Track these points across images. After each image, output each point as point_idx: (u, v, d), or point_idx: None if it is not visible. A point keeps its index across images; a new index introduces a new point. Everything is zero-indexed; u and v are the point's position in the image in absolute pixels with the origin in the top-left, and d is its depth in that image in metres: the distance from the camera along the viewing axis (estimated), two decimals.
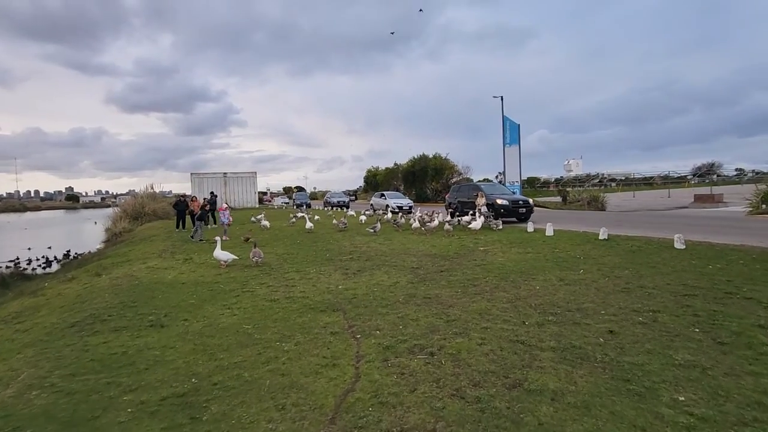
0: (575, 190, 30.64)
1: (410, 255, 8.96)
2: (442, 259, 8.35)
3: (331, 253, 9.83)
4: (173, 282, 7.24)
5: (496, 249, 9.18)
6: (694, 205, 25.09)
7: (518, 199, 15.29)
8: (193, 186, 39.63)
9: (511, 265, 7.38)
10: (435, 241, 11.00)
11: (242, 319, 5.02)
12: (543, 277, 6.35)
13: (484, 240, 10.70)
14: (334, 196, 36.83)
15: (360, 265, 8.10)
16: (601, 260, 7.40)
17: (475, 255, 8.60)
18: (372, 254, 9.29)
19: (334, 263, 8.41)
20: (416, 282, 6.45)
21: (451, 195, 18.10)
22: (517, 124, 30.46)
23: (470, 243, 10.30)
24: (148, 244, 13.87)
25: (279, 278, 7.22)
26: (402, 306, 5.18)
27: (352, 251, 9.88)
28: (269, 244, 12.00)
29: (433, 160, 36.85)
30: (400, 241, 11.33)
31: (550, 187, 65.78)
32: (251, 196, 41.74)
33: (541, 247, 9.05)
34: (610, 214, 18.73)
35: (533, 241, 10.09)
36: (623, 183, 61.01)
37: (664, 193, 39.77)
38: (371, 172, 49.18)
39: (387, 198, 24.78)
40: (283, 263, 8.69)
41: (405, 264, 7.96)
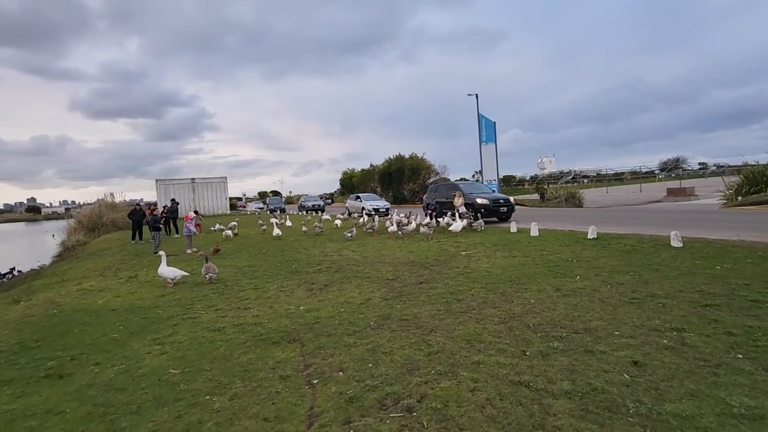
0: (552, 187, 30.43)
1: (385, 263, 8.03)
2: (421, 267, 7.45)
3: (298, 263, 8.80)
4: (102, 309, 6.07)
5: (480, 253, 8.36)
6: (668, 198, 25.25)
7: (499, 197, 14.62)
8: (159, 193, 37.58)
9: (498, 272, 6.55)
10: (413, 245, 10.12)
11: (172, 358, 3.97)
12: (536, 286, 5.53)
13: (465, 243, 9.88)
14: (308, 199, 35.60)
15: (328, 277, 7.12)
16: (596, 263, 6.66)
17: (457, 261, 7.76)
18: (343, 264, 8.32)
19: (299, 276, 7.40)
20: (391, 298, 5.52)
21: (428, 195, 17.30)
22: (493, 122, 30.08)
23: (451, 247, 9.46)
24: (96, 260, 12.47)
25: (232, 298, 6.16)
26: (373, 332, 4.24)
27: (322, 261, 8.88)
28: (232, 254, 10.86)
29: (409, 161, 36.12)
30: (375, 247, 10.40)
31: (525, 185, 66.29)
32: (222, 203, 39.96)
33: (528, 250, 8.29)
34: (589, 211, 18.36)
35: (518, 242, 9.34)
36: (595, 179, 62.03)
37: (635, 188, 40.36)
38: (347, 174, 48.09)
39: (362, 200, 23.82)
40: (241, 278, 7.61)
41: (379, 275, 7.03)
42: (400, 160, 36.62)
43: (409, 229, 11.78)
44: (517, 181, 68.80)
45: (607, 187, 47.56)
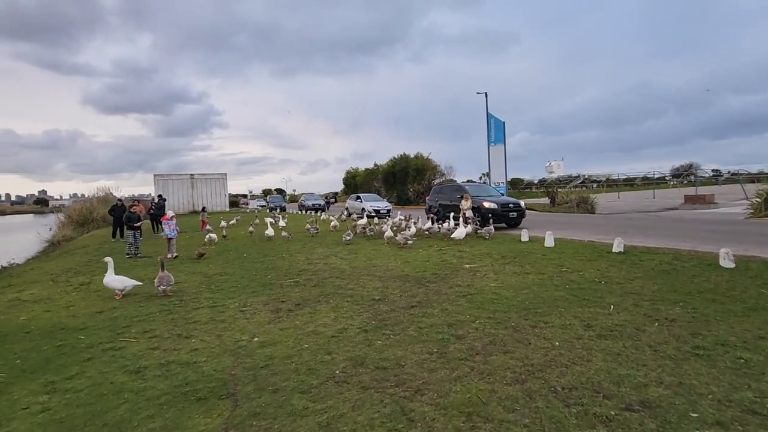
0: (563, 191, 29.05)
1: (375, 277, 6.83)
2: (416, 283, 6.24)
3: (276, 273, 7.63)
4: (14, 330, 4.92)
5: (486, 267, 7.12)
6: (685, 206, 23.87)
7: (508, 201, 13.35)
8: (157, 188, 36.66)
9: (508, 295, 5.32)
10: (410, 254, 8.91)
11: (48, 423, 2.81)
12: (559, 319, 4.30)
13: (470, 253, 8.65)
14: (309, 198, 34.49)
15: (304, 294, 5.93)
16: (630, 287, 5.41)
17: (459, 277, 6.53)
18: (326, 275, 7.13)
19: (271, 291, 6.22)
20: (372, 329, 4.32)
21: (431, 197, 16.06)
22: (502, 122, 28.76)
23: (453, 257, 8.23)
24: (64, 259, 11.41)
25: (178, 320, 4.99)
26: (336, 390, 3.04)
27: (303, 270, 7.70)
28: (209, 258, 9.73)
29: (414, 160, 34.86)
30: (368, 254, 9.20)
31: (532, 188, 64.84)
32: (221, 199, 38.99)
33: (543, 265, 7.04)
34: (605, 218, 17.01)
35: (531, 254, 8.09)
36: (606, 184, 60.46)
37: (647, 193, 38.88)
38: (350, 173, 46.90)
39: (363, 201, 22.65)
40: (203, 291, 6.45)
41: (365, 293, 5.83)
42: (405, 159, 35.37)
43: (408, 235, 10.56)
44: (525, 185, 67.42)
45: (618, 192, 45.96)
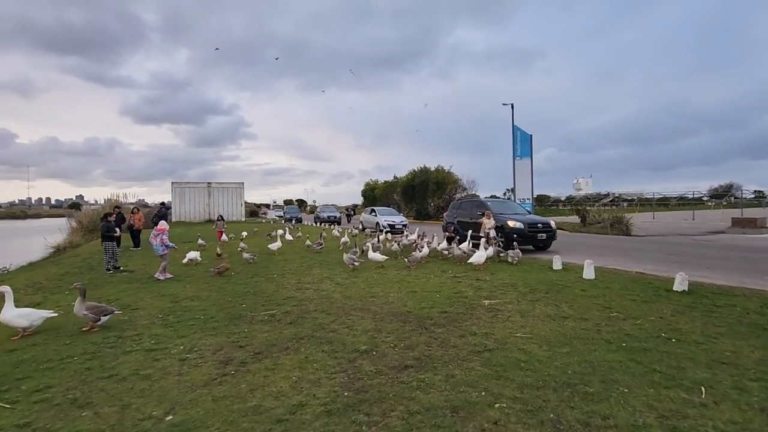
0: (595, 209, 26.98)
1: (369, 313, 5.45)
2: (418, 326, 4.83)
3: (255, 299, 6.36)
4: None
5: (511, 306, 5.64)
6: (733, 230, 21.53)
7: (536, 221, 11.76)
8: (174, 196, 36.50)
9: (542, 355, 3.84)
10: (417, 281, 7.49)
11: None
12: (623, 410, 2.81)
13: (490, 283, 7.16)
14: (324, 210, 33.43)
15: (273, 335, 4.61)
16: (716, 350, 3.84)
17: (474, 318, 5.08)
18: (311, 307, 5.80)
19: (236, 327, 4.93)
20: (341, 409, 2.94)
21: (449, 213, 14.59)
22: (529, 135, 27.18)
23: (469, 288, 6.77)
24: (45, 269, 10.52)
25: (94, 371, 3.74)
26: None
27: (288, 298, 6.40)
28: (190, 276, 8.58)
29: (434, 173, 33.42)
30: (369, 279, 7.83)
31: (559, 205, 62.14)
32: (237, 209, 38.46)
33: (585, 306, 5.51)
34: (646, 242, 15.11)
35: (567, 289, 6.54)
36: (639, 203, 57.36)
37: (683, 214, 36.20)
38: (370, 185, 45.87)
39: (377, 215, 21.35)
40: (155, 324, 5.21)
41: (349, 337, 4.46)
42: (425, 172, 33.98)
43: (418, 257, 9.15)
44: (551, 202, 64.75)
45: (653, 213, 43.24)
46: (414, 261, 8.97)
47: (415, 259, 8.99)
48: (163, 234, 8.42)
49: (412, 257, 9.05)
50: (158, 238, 8.41)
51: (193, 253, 9.89)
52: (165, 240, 8.47)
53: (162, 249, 8.43)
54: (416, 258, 9.01)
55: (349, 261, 8.78)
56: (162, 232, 8.46)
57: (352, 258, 8.81)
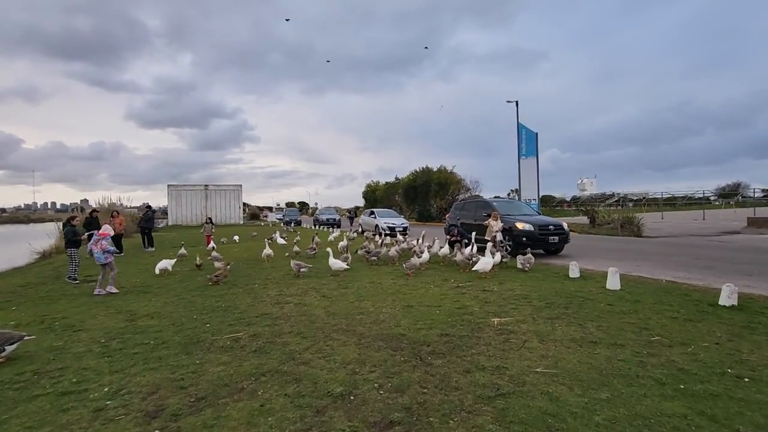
0: (604, 210, 25.92)
1: (353, 335, 4.49)
2: (411, 355, 3.86)
3: (223, 317, 5.42)
4: None
5: (525, 324, 4.67)
6: (749, 230, 20.48)
7: (548, 222, 10.76)
8: (170, 199, 35.73)
9: (575, 402, 2.87)
10: (416, 292, 6.52)
11: None
12: None
13: (498, 294, 6.19)
14: (323, 213, 32.51)
15: (228, 370, 3.66)
16: None
17: (482, 344, 4.11)
18: (286, 328, 4.85)
19: (186, 358, 3.99)
20: None
21: (452, 215, 13.61)
22: (535, 133, 26.21)
23: (474, 302, 5.80)
24: (3, 280, 9.61)
25: None
26: None
27: (262, 315, 5.46)
28: (164, 287, 7.67)
29: (437, 174, 32.42)
30: (360, 289, 6.87)
31: (563, 206, 60.98)
32: (235, 212, 37.66)
33: (616, 325, 4.53)
34: (664, 244, 14.07)
35: (590, 302, 5.56)
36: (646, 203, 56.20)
37: (692, 214, 35.07)
38: (371, 187, 44.94)
39: (377, 217, 20.40)
40: (91, 352, 4.27)
41: (324, 373, 3.51)
42: (427, 173, 33.00)
43: (416, 264, 8.19)
44: (556, 202, 63.58)
45: (661, 213, 42.12)
46: (411, 268, 8.02)
47: (412, 266, 8.04)
48: (104, 239, 7.38)
49: (410, 264, 8.10)
50: (98, 245, 7.30)
51: (166, 262, 8.94)
52: (105, 246, 7.38)
53: (104, 257, 7.30)
54: (414, 265, 8.05)
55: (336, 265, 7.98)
56: (104, 237, 7.42)
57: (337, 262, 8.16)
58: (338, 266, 8.16)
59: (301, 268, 8.18)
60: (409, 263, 8.10)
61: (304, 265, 8.31)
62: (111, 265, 7.39)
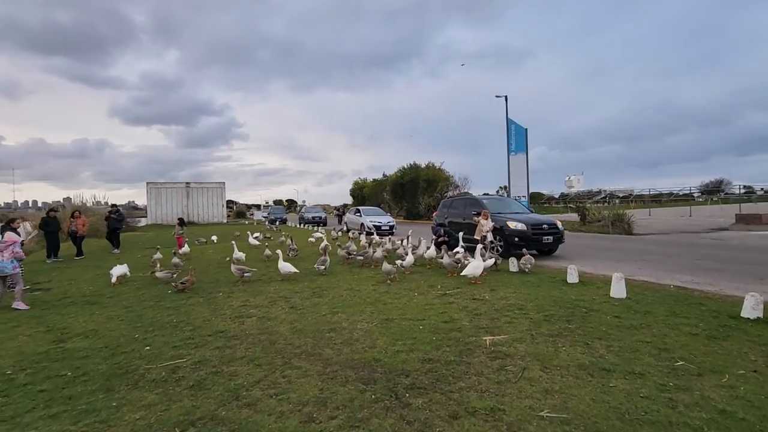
0: (595, 207, 25.52)
1: (318, 361, 3.72)
2: (386, 391, 3.11)
3: (168, 336, 4.61)
4: None
5: (523, 344, 3.94)
6: (737, 226, 20.23)
7: (541, 221, 10.08)
8: (149, 197, 34.43)
9: None
10: (397, 302, 5.76)
11: None
12: None
13: (490, 304, 5.47)
14: (309, 210, 31.56)
15: (146, 420, 2.87)
16: None
17: (472, 373, 3.37)
18: (237, 352, 4.06)
19: (103, 397, 3.18)
20: None
21: (439, 213, 12.88)
22: (524, 128, 25.68)
23: (463, 314, 5.07)
24: None
25: None
26: None
27: (212, 335, 4.65)
28: (113, 298, 6.81)
29: (425, 171, 31.72)
30: (336, 298, 6.09)
31: (551, 203, 60.92)
32: (219, 210, 36.50)
33: (629, 344, 3.83)
34: (658, 242, 13.56)
35: (594, 314, 4.87)
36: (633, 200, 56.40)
37: (678, 210, 35.10)
38: (358, 184, 44.03)
39: (362, 215, 19.62)
40: None
41: (270, 421, 2.73)
42: (415, 169, 32.28)
43: (390, 270, 7.43)
44: (545, 199, 63.52)
45: (648, 209, 42.17)
46: (389, 274, 7.25)
47: (388, 272, 7.26)
48: (15, 246, 6.33)
49: (385, 269, 7.33)
50: (7, 253, 6.22)
51: (121, 268, 8.03)
52: (20, 253, 6.38)
53: (12, 267, 6.23)
54: (390, 271, 7.26)
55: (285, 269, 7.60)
56: (14, 243, 6.36)
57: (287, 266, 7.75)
58: (287, 270, 7.59)
59: (245, 272, 7.56)
60: (385, 268, 7.35)
61: (247, 269, 7.69)
62: (18, 277, 6.33)
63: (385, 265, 7.37)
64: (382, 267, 7.48)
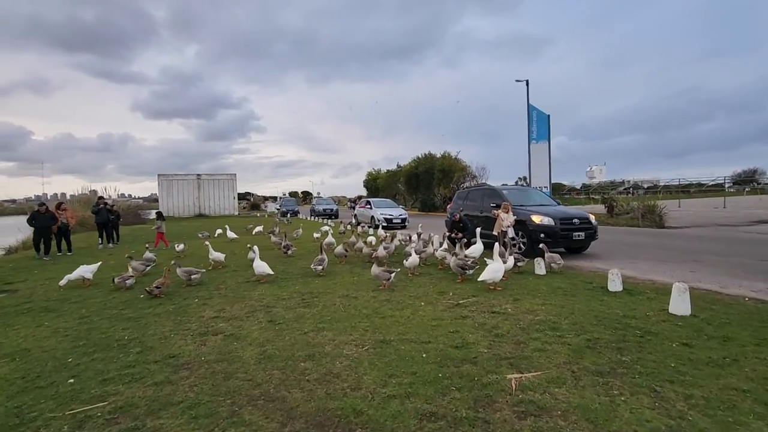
0: (623, 198, 23.88)
1: (279, 414, 2.69)
2: None
3: (106, 363, 3.66)
4: None
5: (562, 386, 2.83)
6: None
7: (571, 215, 8.80)
8: (161, 189, 34.06)
9: None
10: (400, 312, 4.68)
11: None
12: None
13: (514, 318, 4.34)
14: (320, 203, 30.71)
15: None
16: None
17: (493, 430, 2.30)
18: (179, 389, 3.07)
19: None
20: None
21: (454, 206, 11.70)
22: (546, 115, 24.11)
23: (480, 333, 3.96)
24: None
25: None
26: None
27: (158, 364, 3.68)
28: (76, 303, 5.96)
29: (440, 160, 30.38)
30: (323, 309, 5.07)
31: (574, 194, 58.69)
32: (229, 202, 35.92)
33: (714, 390, 2.67)
34: (698, 238, 12.10)
35: (653, 339, 3.69)
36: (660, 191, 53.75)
37: (711, 201, 32.80)
38: (372, 175, 42.97)
39: (373, 207, 18.57)
40: None
41: None
42: (430, 159, 30.97)
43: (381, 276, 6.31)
44: (566, 190, 61.29)
45: (678, 200, 39.94)
46: (385, 279, 6.05)
47: (383, 277, 6.05)
48: None
49: (375, 273, 6.10)
50: None
51: (85, 268, 7.14)
52: None
53: None
54: (380, 276, 6.06)
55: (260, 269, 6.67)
56: None
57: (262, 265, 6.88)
58: (261, 271, 6.74)
59: (192, 274, 6.68)
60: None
61: (195, 270, 6.78)
62: None
63: (374, 268, 6.20)
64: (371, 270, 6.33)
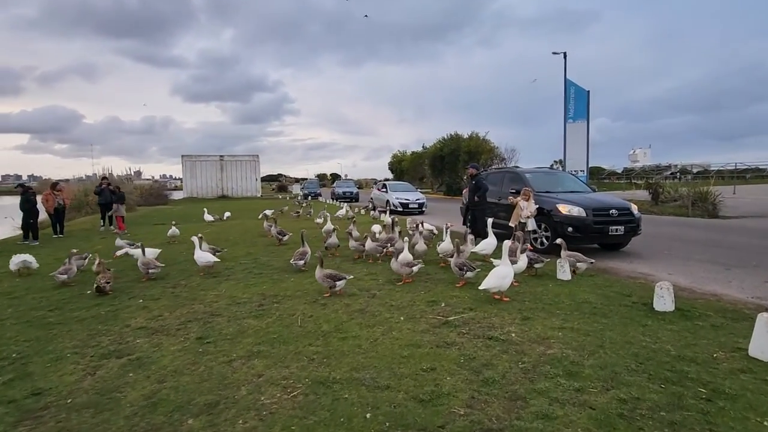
0: (670, 183, 21.50)
1: None
2: None
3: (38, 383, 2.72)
4: None
5: None
6: None
7: (608, 204, 7.22)
8: (185, 170, 34.09)
9: None
10: (368, 331, 3.52)
11: None
12: None
13: (517, 348, 3.08)
14: (341, 185, 29.77)
15: None
16: None
17: None
18: None
19: None
20: None
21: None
22: (586, 91, 21.83)
23: (462, 377, 2.74)
24: None
25: None
26: None
27: (8, 405, 2.70)
28: (15, 299, 5.16)
29: (466, 141, 28.56)
30: (275, 323, 3.98)
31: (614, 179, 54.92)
32: (252, 184, 35.56)
33: None
34: (763, 230, 10.16)
35: (728, 402, 2.35)
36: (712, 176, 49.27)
37: None
38: (397, 157, 41.54)
39: (389, 191, 17.36)
40: None
41: None
42: (456, 140, 29.18)
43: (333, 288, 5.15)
44: (605, 174, 57.45)
45: (733, 186, 36.22)
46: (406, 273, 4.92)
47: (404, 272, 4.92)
48: None
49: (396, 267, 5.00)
50: None
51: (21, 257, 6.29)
52: None
53: None
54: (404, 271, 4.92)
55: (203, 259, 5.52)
56: None
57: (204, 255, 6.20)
58: (204, 261, 6.04)
59: (150, 268, 5.83)
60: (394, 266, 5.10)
61: (153, 264, 5.91)
62: None
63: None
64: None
